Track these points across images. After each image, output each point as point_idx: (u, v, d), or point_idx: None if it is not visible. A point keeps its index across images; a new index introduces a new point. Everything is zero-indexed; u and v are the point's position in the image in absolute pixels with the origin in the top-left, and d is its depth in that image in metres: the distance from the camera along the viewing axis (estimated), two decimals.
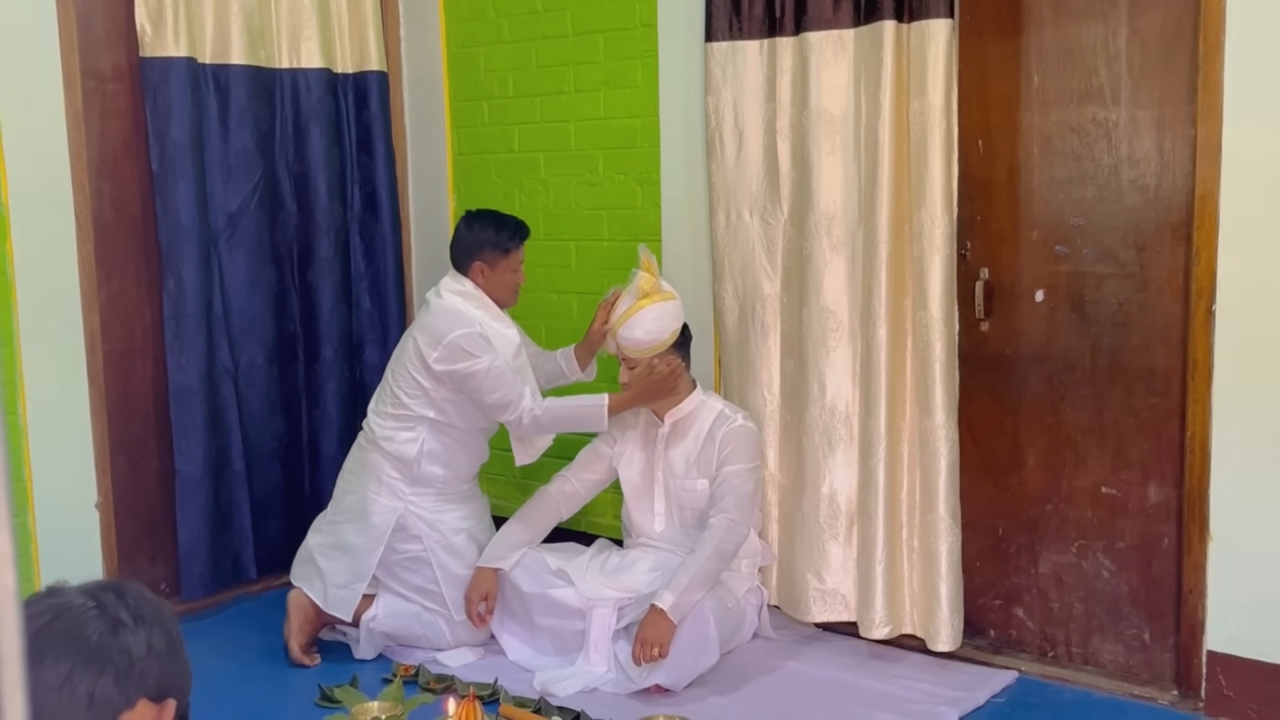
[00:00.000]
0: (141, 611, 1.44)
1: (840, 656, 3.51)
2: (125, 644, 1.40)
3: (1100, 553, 3.34)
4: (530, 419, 3.47)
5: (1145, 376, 3.23)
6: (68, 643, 1.38)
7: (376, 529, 3.55)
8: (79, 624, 1.40)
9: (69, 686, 1.36)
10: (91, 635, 1.39)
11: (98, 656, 1.38)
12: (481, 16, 4.36)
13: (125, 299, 3.93)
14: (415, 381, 3.52)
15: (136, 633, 1.42)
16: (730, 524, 3.38)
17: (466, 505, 3.68)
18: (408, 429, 3.55)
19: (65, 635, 1.38)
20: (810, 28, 3.43)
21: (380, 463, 3.57)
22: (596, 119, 4.09)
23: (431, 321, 3.51)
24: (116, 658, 1.39)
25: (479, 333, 3.46)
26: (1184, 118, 3.08)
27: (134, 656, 1.41)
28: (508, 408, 3.47)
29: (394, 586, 3.60)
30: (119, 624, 1.41)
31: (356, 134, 4.42)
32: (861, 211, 3.41)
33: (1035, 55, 3.32)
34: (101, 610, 1.42)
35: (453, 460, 3.61)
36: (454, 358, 3.45)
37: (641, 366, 3.47)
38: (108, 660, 1.39)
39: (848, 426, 3.48)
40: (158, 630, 1.44)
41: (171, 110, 3.83)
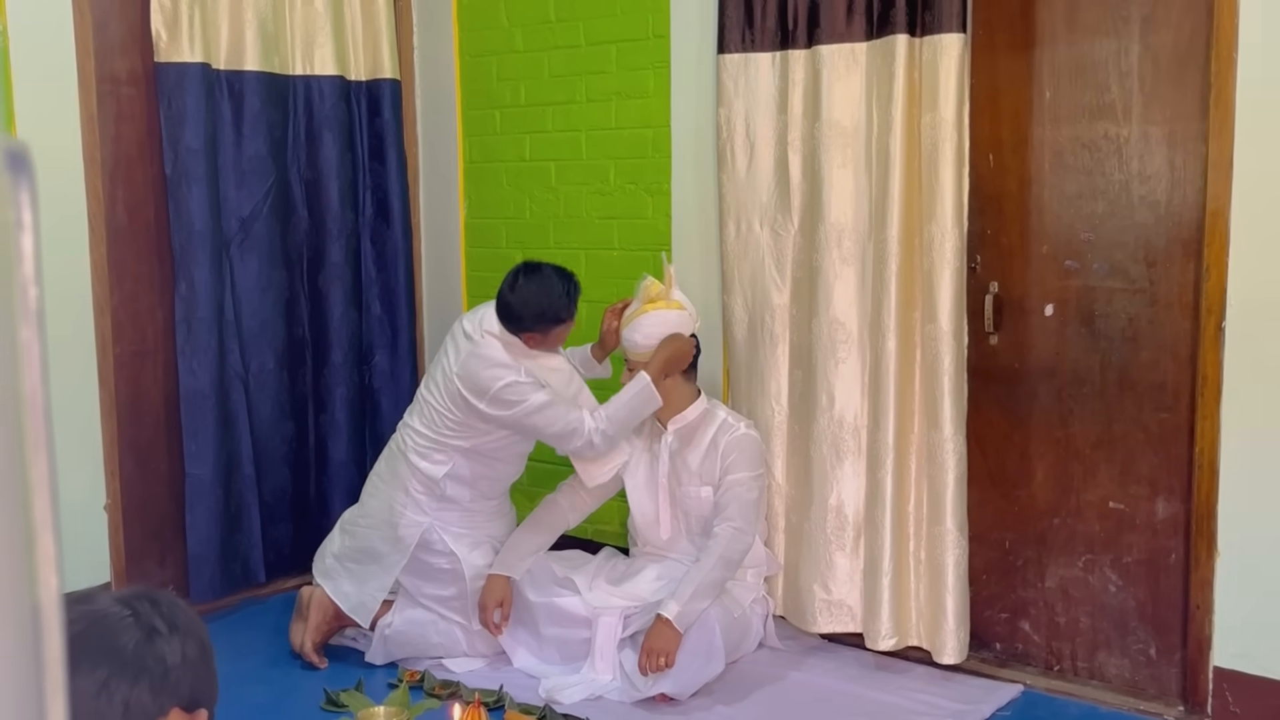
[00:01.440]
0: (175, 620, 1.44)
1: (846, 668, 3.52)
2: (160, 652, 1.40)
3: (1107, 567, 3.34)
4: (600, 437, 3.42)
5: (1154, 392, 3.23)
6: (103, 650, 1.37)
7: (403, 541, 3.55)
8: (114, 632, 1.39)
9: (105, 694, 1.35)
10: (127, 643, 1.39)
11: (133, 664, 1.38)
12: (495, 25, 4.38)
13: (137, 302, 3.94)
14: (457, 418, 3.47)
15: (171, 641, 1.42)
16: (735, 532, 3.38)
17: (494, 523, 3.66)
18: (440, 451, 3.53)
19: (101, 643, 1.38)
20: (823, 41, 3.45)
21: (408, 475, 3.56)
22: (608, 129, 4.11)
23: (473, 368, 3.42)
24: (152, 666, 1.39)
25: (520, 381, 3.39)
26: (1196, 134, 3.09)
27: (169, 665, 1.40)
28: (572, 435, 3.41)
29: (414, 594, 3.60)
30: (154, 632, 1.41)
31: (369, 141, 4.44)
32: (872, 224, 3.42)
33: (1047, 70, 3.33)
34: (137, 618, 1.41)
35: (479, 484, 3.59)
36: (504, 406, 3.40)
37: (668, 335, 3.47)
38: (143, 668, 1.38)
39: (856, 438, 3.49)
40: (191, 639, 1.44)
41: (185, 115, 3.85)
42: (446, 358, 3.55)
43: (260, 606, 4.13)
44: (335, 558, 3.67)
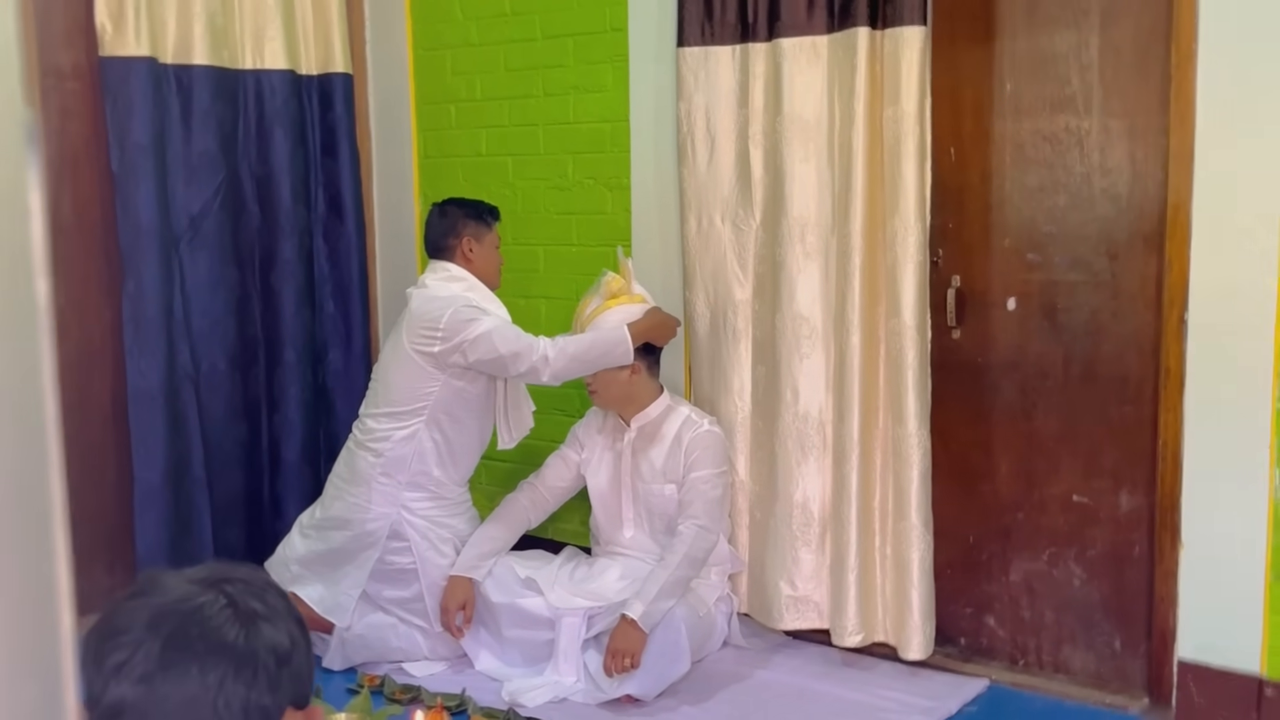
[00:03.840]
0: (269, 600, 1.25)
1: (811, 665, 3.50)
2: (270, 641, 1.21)
3: (1071, 561, 3.34)
4: (546, 364, 3.36)
5: (1117, 385, 3.23)
6: (210, 648, 1.18)
7: (371, 535, 3.49)
8: (216, 624, 1.20)
9: (223, 698, 1.17)
10: (233, 636, 1.20)
11: (247, 660, 1.19)
12: (449, 19, 4.31)
13: (83, 302, 3.84)
14: (417, 375, 3.44)
15: (276, 626, 1.23)
16: (699, 530, 3.35)
17: (459, 518, 3.61)
18: (404, 426, 3.48)
19: (205, 640, 1.19)
20: (784, 34, 3.42)
21: (371, 467, 3.50)
22: (566, 123, 4.06)
23: (421, 310, 3.45)
24: (264, 658, 1.20)
25: (469, 303, 3.42)
26: (1156, 127, 3.09)
27: (279, 655, 1.21)
28: (524, 355, 3.36)
29: (375, 597, 3.54)
30: (256, 617, 1.22)
31: (321, 136, 4.36)
32: (835, 218, 3.40)
33: (1008, 63, 3.32)
34: (234, 605, 1.22)
35: (446, 458, 3.53)
36: (456, 332, 3.38)
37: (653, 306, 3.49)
38: (257, 664, 1.20)
39: (820, 434, 3.47)
40: (291, 619, 1.26)
41: (132, 110, 3.75)
42: (393, 334, 3.58)
43: None
44: (300, 564, 3.59)
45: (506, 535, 3.58)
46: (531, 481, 3.65)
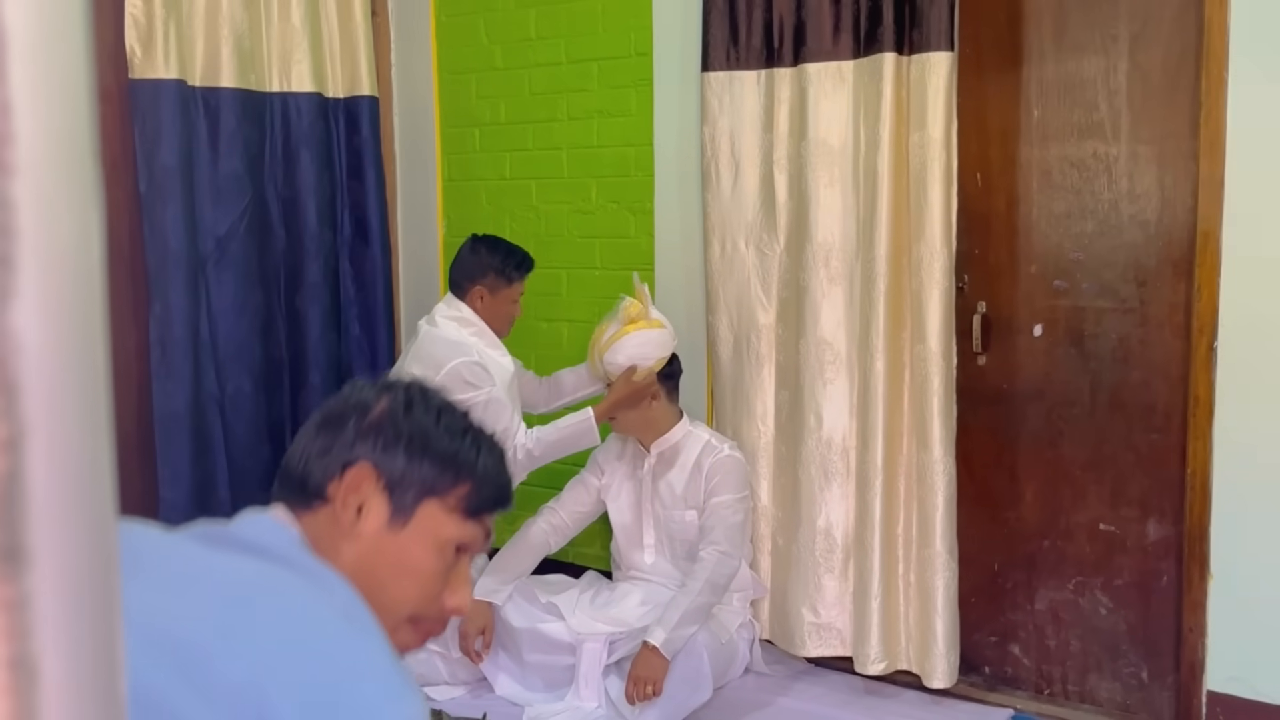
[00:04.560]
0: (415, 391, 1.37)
1: (834, 692, 3.47)
2: (367, 400, 1.33)
3: (1098, 590, 3.31)
4: (524, 453, 3.40)
5: (1145, 413, 3.20)
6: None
7: None
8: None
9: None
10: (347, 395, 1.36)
11: (339, 406, 1.34)
12: (474, 42, 4.33)
13: (110, 324, 3.85)
14: None
15: (394, 397, 1.35)
16: (721, 556, 3.33)
17: None
18: None
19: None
20: (809, 59, 3.42)
21: None
22: (590, 147, 4.06)
23: (429, 349, 3.45)
24: (355, 406, 1.33)
25: (478, 362, 3.41)
26: (1186, 153, 3.07)
27: (372, 410, 1.32)
28: (504, 443, 3.38)
29: None
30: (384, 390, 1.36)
31: (347, 159, 4.38)
32: (860, 243, 3.39)
33: (1035, 89, 3.31)
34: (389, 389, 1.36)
35: None
36: (454, 388, 3.39)
37: (622, 374, 3.42)
38: (345, 409, 1.33)
39: (844, 459, 3.45)
40: (433, 406, 1.36)
41: (160, 132, 3.78)
42: (402, 365, 3.57)
43: None
44: None
45: (526, 560, 3.57)
46: (552, 506, 3.64)
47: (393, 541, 1.27)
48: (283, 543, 1.23)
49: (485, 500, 1.33)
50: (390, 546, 1.27)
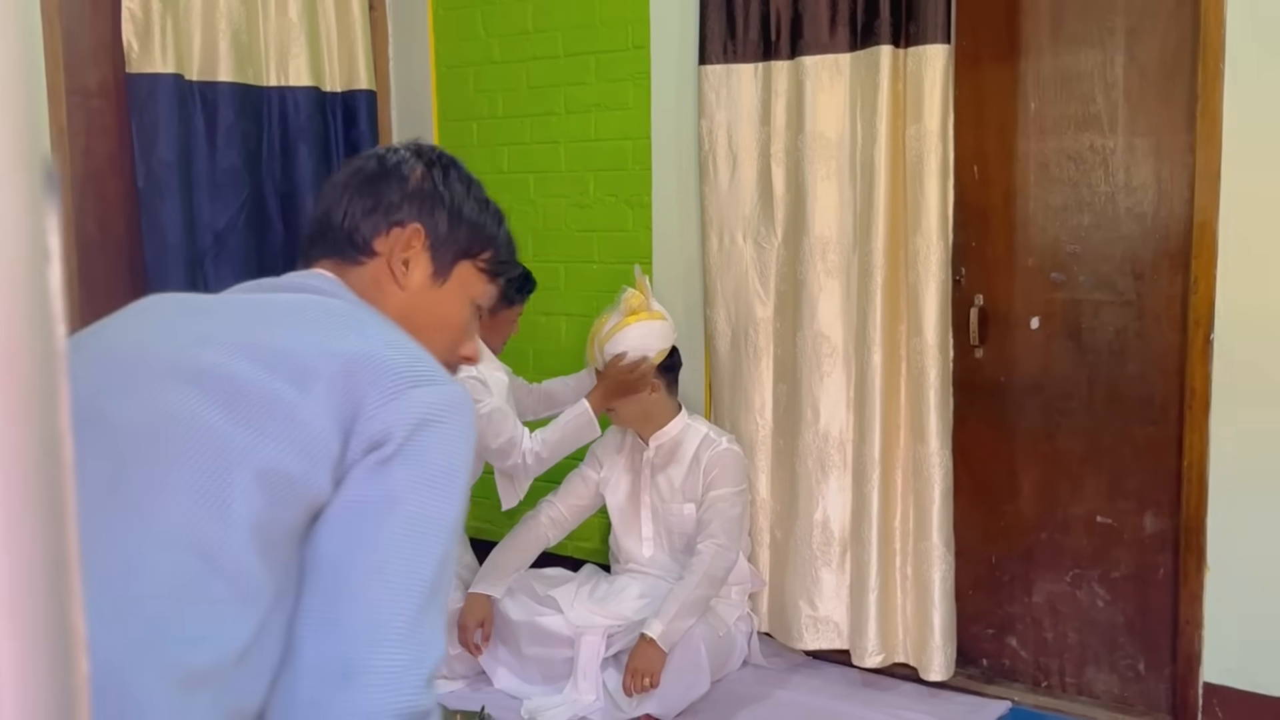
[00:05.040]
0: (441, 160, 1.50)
1: (832, 685, 3.47)
2: (404, 169, 1.46)
3: (1095, 582, 3.31)
4: (533, 457, 3.37)
5: (1142, 405, 3.21)
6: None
7: None
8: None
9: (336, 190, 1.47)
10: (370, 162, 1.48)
11: (372, 174, 1.46)
12: (472, 37, 4.33)
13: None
14: None
15: (423, 167, 1.47)
16: (718, 549, 3.34)
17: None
18: None
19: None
20: (806, 52, 3.42)
21: None
22: (587, 140, 4.06)
23: None
24: (390, 172, 1.46)
25: (475, 376, 3.39)
26: (1182, 146, 3.07)
27: (408, 181, 1.45)
28: (512, 450, 3.37)
29: None
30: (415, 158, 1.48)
31: (345, 153, 4.37)
32: (857, 236, 3.39)
33: (1032, 81, 3.31)
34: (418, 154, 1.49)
35: None
36: None
37: (610, 362, 3.42)
38: (376, 176, 1.46)
39: (841, 453, 3.45)
40: (458, 181, 1.49)
41: (158, 127, 3.78)
42: None
43: None
44: None
45: (525, 554, 3.58)
46: (550, 500, 3.64)
47: (432, 295, 1.44)
48: (332, 287, 1.39)
49: (504, 264, 1.51)
50: (429, 299, 1.43)
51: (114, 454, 1.11)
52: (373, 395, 1.14)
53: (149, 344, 1.22)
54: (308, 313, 1.28)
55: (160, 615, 1.05)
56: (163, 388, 1.15)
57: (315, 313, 1.28)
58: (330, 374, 1.14)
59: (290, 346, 1.18)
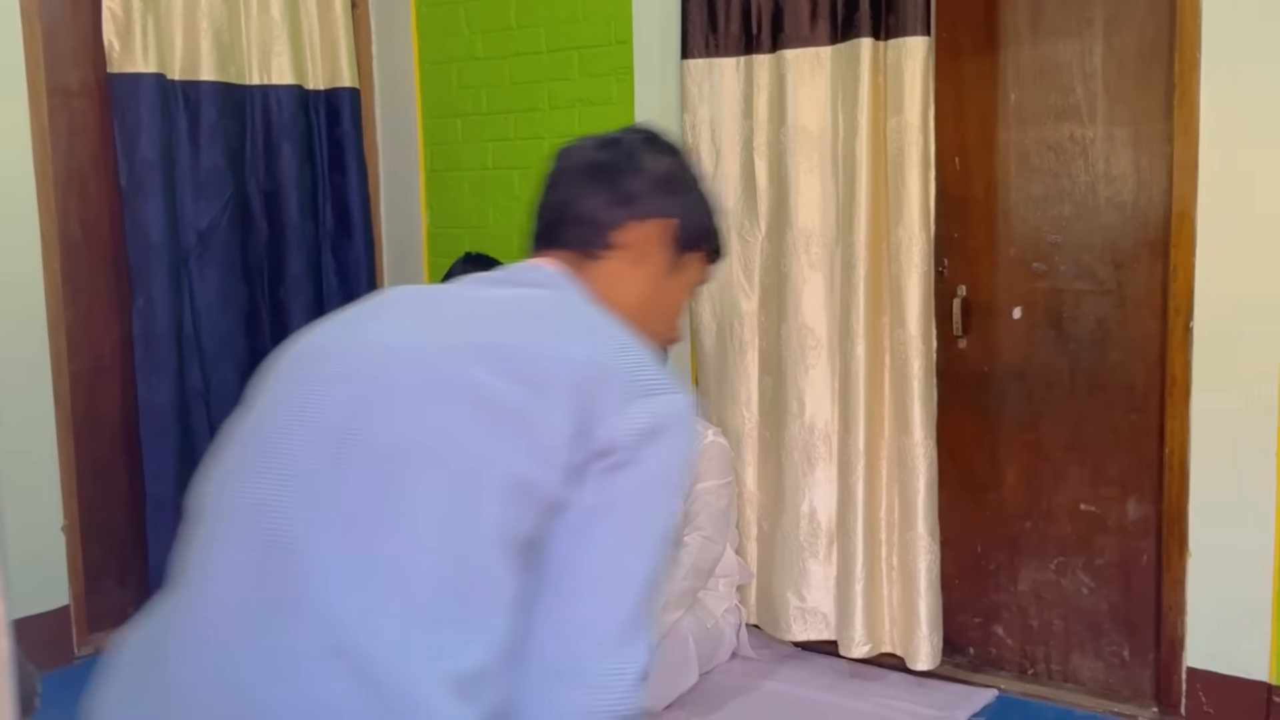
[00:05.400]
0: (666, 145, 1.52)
1: (820, 676, 3.49)
2: (640, 161, 1.48)
3: (1079, 570, 3.34)
4: None
5: (1124, 393, 3.23)
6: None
7: None
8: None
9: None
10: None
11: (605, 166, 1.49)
12: (455, 33, 4.33)
13: (93, 318, 3.86)
14: None
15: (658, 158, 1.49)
16: (705, 541, 3.35)
17: None
18: None
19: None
20: (787, 45, 3.43)
21: None
22: (572, 136, 4.05)
23: None
24: (622, 163, 1.49)
25: None
26: (1160, 135, 3.09)
27: (645, 172, 1.47)
28: None
29: None
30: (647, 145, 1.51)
31: (328, 151, 4.38)
32: (839, 229, 3.40)
33: (1012, 72, 3.33)
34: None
35: None
36: None
37: None
38: (608, 165, 1.49)
39: (827, 444, 3.47)
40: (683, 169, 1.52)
41: (140, 127, 3.78)
42: None
43: None
44: None
45: None
46: None
47: (666, 286, 1.47)
48: (563, 282, 1.41)
49: (719, 252, 1.56)
50: (663, 290, 1.47)
51: (377, 466, 1.16)
52: (603, 404, 1.18)
53: (397, 350, 1.24)
54: (541, 312, 1.31)
55: (430, 621, 1.11)
56: (414, 399, 1.19)
57: (548, 311, 1.31)
58: (564, 381, 1.18)
59: (526, 349, 1.22)
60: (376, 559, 1.11)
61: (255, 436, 1.25)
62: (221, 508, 1.24)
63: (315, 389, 1.24)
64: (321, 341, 1.31)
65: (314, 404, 1.22)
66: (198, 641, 1.16)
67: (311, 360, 1.29)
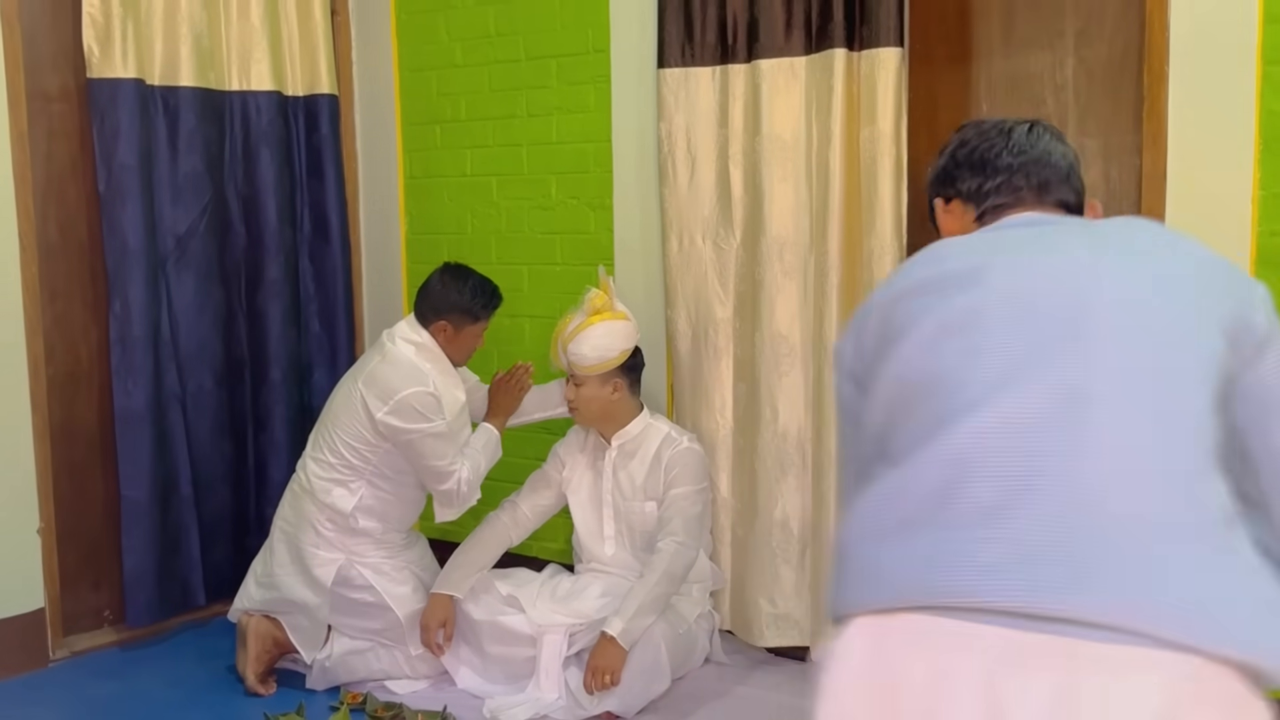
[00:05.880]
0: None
1: (792, 681, 3.51)
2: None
3: None
4: (466, 485, 3.47)
5: None
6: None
7: (319, 581, 3.49)
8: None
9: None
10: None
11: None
12: (434, 40, 4.35)
13: (70, 322, 3.87)
14: (360, 434, 3.44)
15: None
16: (678, 547, 3.37)
17: (408, 551, 3.64)
18: (346, 483, 3.48)
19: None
20: (762, 55, 3.46)
21: (315, 513, 3.50)
22: (549, 143, 4.09)
23: (384, 374, 3.43)
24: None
25: (431, 393, 3.40)
26: (1130, 147, 3.12)
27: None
28: (446, 476, 3.45)
29: (346, 630, 3.55)
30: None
31: (306, 157, 4.39)
32: (813, 237, 3.43)
33: (984, 84, 3.36)
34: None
35: (389, 514, 3.55)
36: (403, 416, 3.37)
37: (497, 376, 3.66)
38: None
39: (800, 451, 3.49)
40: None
41: (119, 132, 3.78)
42: (351, 377, 3.57)
43: (200, 630, 4.06)
44: (262, 608, 3.60)
45: (488, 553, 3.60)
46: (513, 500, 3.67)
47: None
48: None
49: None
50: None
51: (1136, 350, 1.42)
52: (1240, 299, 1.48)
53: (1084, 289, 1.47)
54: (1138, 233, 1.62)
55: (1189, 475, 1.35)
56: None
57: (1141, 233, 1.61)
58: (1199, 285, 1.49)
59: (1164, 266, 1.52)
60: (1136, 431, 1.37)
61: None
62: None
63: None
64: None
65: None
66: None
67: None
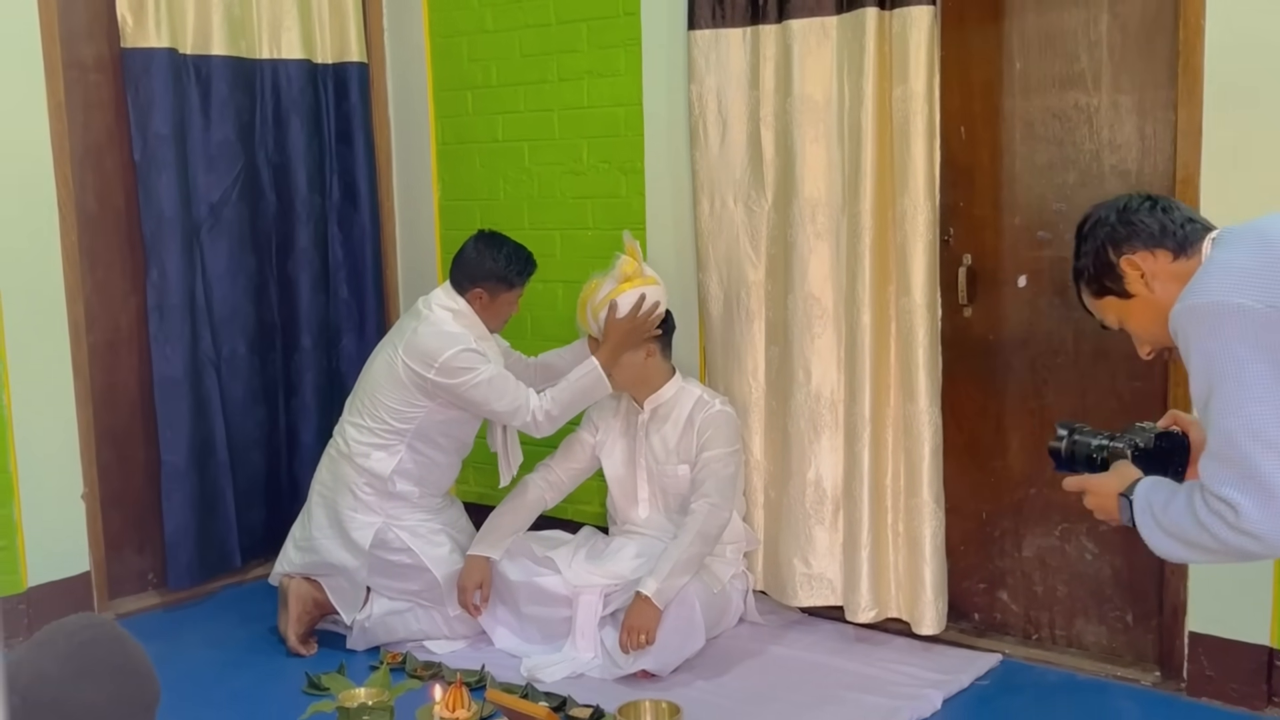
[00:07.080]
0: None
1: (826, 640, 3.53)
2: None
3: (1083, 536, 3.36)
4: (544, 415, 3.45)
5: (1127, 361, 3.23)
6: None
7: (357, 544, 3.54)
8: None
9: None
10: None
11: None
12: (464, 6, 4.35)
13: (110, 290, 3.92)
14: (403, 398, 3.48)
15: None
16: (711, 508, 3.39)
17: (444, 514, 3.69)
18: (386, 446, 3.53)
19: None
20: (793, 15, 3.44)
21: (354, 477, 3.55)
22: (580, 108, 4.09)
23: (422, 343, 3.45)
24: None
25: (471, 349, 3.43)
26: (1165, 102, 3.10)
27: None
28: (518, 411, 3.44)
29: (384, 592, 3.60)
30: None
31: (336, 124, 4.42)
32: (845, 198, 3.42)
33: (1017, 41, 3.33)
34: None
35: (426, 478, 3.60)
36: (453, 375, 3.41)
37: (618, 315, 3.46)
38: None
39: (833, 412, 3.50)
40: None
41: (154, 101, 3.82)
42: (389, 343, 3.59)
43: (239, 591, 4.12)
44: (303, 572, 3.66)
45: (523, 516, 3.63)
46: (548, 463, 3.69)
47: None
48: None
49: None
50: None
51: None
52: None
53: None
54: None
55: None
56: None
57: None
58: None
59: None
60: None
61: None
62: None
63: None
64: None
65: None
66: None
67: None
